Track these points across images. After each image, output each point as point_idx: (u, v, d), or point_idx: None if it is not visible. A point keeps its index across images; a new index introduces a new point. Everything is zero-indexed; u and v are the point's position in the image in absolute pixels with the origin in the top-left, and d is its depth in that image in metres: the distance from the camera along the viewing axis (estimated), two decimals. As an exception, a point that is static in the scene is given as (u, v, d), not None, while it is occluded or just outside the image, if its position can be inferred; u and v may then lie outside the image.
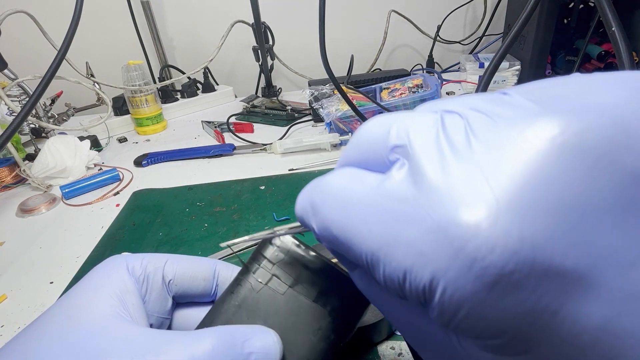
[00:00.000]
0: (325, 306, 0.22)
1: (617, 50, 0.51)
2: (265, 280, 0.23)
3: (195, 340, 0.20)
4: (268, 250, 0.24)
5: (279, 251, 0.23)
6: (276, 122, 0.94)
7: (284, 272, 0.23)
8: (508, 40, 0.63)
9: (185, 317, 0.27)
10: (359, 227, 0.15)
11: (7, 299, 0.48)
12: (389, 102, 0.76)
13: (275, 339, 0.21)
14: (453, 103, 0.15)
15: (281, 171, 0.71)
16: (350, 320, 0.23)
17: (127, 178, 0.76)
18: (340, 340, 0.22)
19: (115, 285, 0.23)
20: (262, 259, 0.24)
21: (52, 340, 0.20)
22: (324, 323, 0.22)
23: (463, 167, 0.13)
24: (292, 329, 0.22)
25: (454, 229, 0.12)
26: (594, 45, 0.91)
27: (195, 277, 0.26)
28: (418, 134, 0.15)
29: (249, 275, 0.23)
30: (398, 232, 0.13)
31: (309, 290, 0.23)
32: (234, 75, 1.28)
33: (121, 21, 1.11)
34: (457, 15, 1.23)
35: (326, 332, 0.22)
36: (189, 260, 0.26)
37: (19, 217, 0.66)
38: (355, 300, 0.23)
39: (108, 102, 0.88)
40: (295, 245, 0.23)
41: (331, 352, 0.22)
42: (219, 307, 0.23)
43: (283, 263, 0.23)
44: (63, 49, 0.57)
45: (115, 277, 0.23)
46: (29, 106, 0.55)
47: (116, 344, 0.19)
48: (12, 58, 0.81)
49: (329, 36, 0.62)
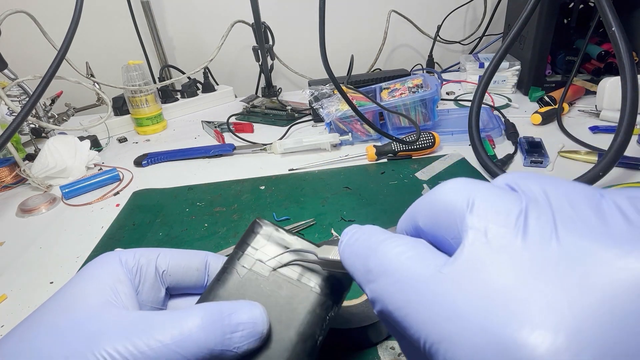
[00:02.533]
0: (309, 282, 0.23)
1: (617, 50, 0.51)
2: (250, 266, 0.24)
3: (184, 317, 0.20)
4: (251, 237, 0.25)
5: (261, 237, 0.25)
6: (276, 122, 0.94)
7: (267, 257, 0.24)
8: (508, 40, 0.63)
9: (178, 307, 0.27)
10: (419, 312, 0.14)
11: (7, 299, 0.48)
12: (389, 102, 0.76)
13: (261, 310, 0.21)
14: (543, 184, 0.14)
15: (281, 171, 0.71)
16: (335, 294, 0.24)
17: (127, 178, 0.76)
18: (326, 313, 0.23)
19: (107, 275, 0.23)
20: (246, 246, 0.25)
21: (46, 329, 0.20)
22: (307, 298, 0.23)
23: (542, 279, 0.12)
24: (277, 308, 0.23)
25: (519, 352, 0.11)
26: (594, 45, 0.91)
27: (188, 268, 0.26)
28: (495, 218, 0.13)
29: (234, 262, 0.24)
30: (462, 331, 0.12)
31: (292, 269, 0.24)
32: (234, 75, 1.28)
33: (121, 21, 1.11)
34: (457, 15, 1.23)
35: (311, 306, 0.23)
36: (181, 252, 0.27)
37: (19, 217, 0.66)
38: (338, 275, 0.24)
39: (108, 102, 0.88)
40: (276, 230, 0.25)
41: (318, 326, 0.22)
42: (207, 293, 0.24)
43: (266, 249, 0.24)
44: (63, 49, 0.57)
45: (108, 269, 0.24)
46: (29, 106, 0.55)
47: (109, 326, 0.20)
48: (12, 58, 0.81)
49: (329, 36, 0.62)
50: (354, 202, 0.59)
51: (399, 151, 0.70)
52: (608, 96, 0.77)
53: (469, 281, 0.13)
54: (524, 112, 0.86)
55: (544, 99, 0.84)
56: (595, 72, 0.90)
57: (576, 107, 0.85)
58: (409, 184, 0.63)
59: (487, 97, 0.91)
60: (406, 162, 0.70)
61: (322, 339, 0.23)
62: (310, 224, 0.55)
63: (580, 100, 0.88)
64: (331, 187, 0.63)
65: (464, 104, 0.93)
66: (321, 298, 0.23)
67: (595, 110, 0.80)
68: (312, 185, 0.65)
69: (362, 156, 0.73)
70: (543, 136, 0.72)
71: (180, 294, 0.27)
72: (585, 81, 0.89)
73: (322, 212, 0.57)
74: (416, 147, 0.69)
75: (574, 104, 0.87)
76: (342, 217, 0.56)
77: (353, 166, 0.70)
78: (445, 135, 0.74)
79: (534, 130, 0.78)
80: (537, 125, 0.79)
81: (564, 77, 0.92)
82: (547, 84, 0.92)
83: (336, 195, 0.61)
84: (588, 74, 0.91)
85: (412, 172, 0.66)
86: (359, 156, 0.73)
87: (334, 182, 0.65)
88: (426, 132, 0.71)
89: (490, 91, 0.95)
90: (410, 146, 0.69)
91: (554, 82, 0.92)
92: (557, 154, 0.68)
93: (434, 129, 0.75)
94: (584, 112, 0.82)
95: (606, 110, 0.78)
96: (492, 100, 0.91)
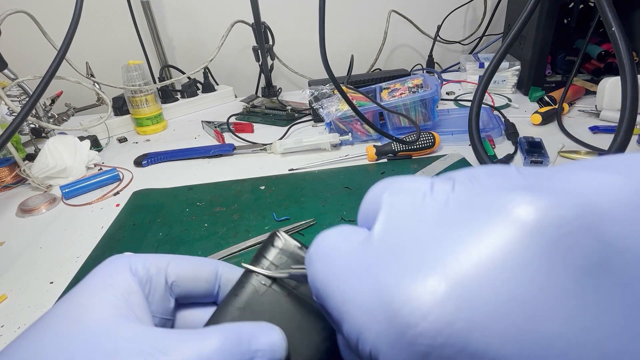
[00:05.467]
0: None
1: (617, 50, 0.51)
2: (269, 283, 0.23)
3: (203, 338, 0.20)
4: (270, 252, 0.24)
5: (281, 253, 0.24)
6: (276, 122, 0.94)
7: (286, 274, 0.23)
8: (508, 40, 0.63)
9: (187, 317, 0.26)
10: (333, 283, 0.15)
11: (7, 299, 0.48)
12: (389, 102, 0.76)
13: (280, 336, 0.21)
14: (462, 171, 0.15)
15: (281, 171, 0.71)
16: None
17: (127, 178, 0.76)
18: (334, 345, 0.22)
19: (119, 285, 0.22)
20: (264, 261, 0.24)
21: (54, 344, 0.19)
22: (327, 323, 0.22)
23: (428, 235, 0.12)
24: (296, 330, 0.22)
25: (393, 293, 0.12)
26: (594, 45, 0.91)
27: (198, 279, 0.25)
28: (405, 194, 0.15)
29: (252, 278, 0.23)
30: (358, 292, 0.13)
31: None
32: (234, 75, 1.28)
33: (121, 21, 1.11)
34: (457, 15, 1.23)
35: (330, 332, 0.22)
36: (191, 261, 0.26)
37: (19, 217, 0.66)
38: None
39: (108, 102, 0.88)
40: (298, 247, 0.24)
41: (336, 352, 0.22)
42: (223, 309, 0.23)
43: (286, 265, 0.23)
44: (63, 49, 0.57)
45: (119, 278, 0.22)
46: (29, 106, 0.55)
47: (124, 344, 0.19)
48: (12, 58, 0.81)
49: (329, 36, 0.62)
50: (354, 202, 0.59)
51: (399, 151, 0.70)
52: (608, 96, 0.77)
53: (370, 248, 0.14)
54: (524, 112, 0.86)
55: (544, 99, 0.84)
56: (595, 72, 0.90)
57: (576, 107, 0.85)
58: (409, 184, 0.63)
59: (487, 97, 0.91)
60: (406, 162, 0.70)
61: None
62: (310, 224, 0.55)
63: (580, 100, 0.88)
64: (331, 187, 0.63)
65: (464, 104, 0.93)
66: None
67: (595, 110, 0.80)
68: (312, 185, 0.65)
69: (362, 156, 0.73)
70: (543, 136, 0.72)
71: (189, 303, 0.26)
72: (585, 81, 0.89)
73: (322, 212, 0.57)
74: (416, 147, 0.69)
75: (574, 104, 0.87)
76: (342, 217, 0.56)
77: (353, 166, 0.70)
78: (445, 135, 0.74)
79: (534, 130, 0.78)
80: (537, 125, 0.79)
81: (564, 77, 0.92)
82: (547, 84, 0.92)
83: (336, 195, 0.61)
84: (588, 74, 0.91)
85: (412, 172, 0.66)
86: (359, 156, 0.73)
87: (334, 182, 0.65)
88: (426, 132, 0.71)
89: (490, 91, 0.95)
90: (410, 146, 0.69)
91: (554, 82, 0.92)
92: (557, 154, 0.68)
93: (434, 129, 0.75)
94: (584, 112, 0.82)
95: (606, 110, 0.78)
96: (492, 100, 0.91)
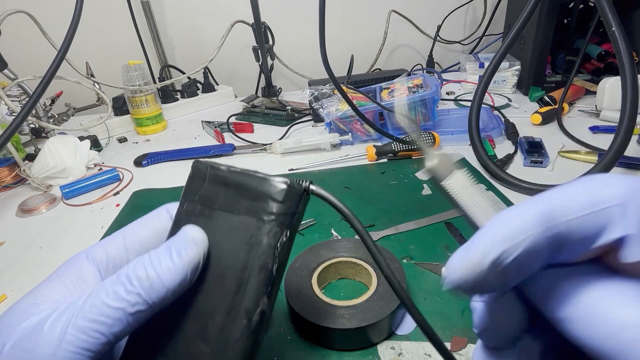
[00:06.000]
0: (252, 213, 0.22)
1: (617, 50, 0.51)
2: (195, 212, 0.24)
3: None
4: (190, 183, 0.25)
5: (198, 180, 0.25)
6: (276, 122, 0.94)
7: (208, 198, 0.24)
8: (508, 40, 0.63)
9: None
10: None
11: (7, 299, 0.48)
12: (389, 102, 0.76)
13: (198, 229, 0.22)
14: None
15: (281, 171, 0.71)
16: (281, 217, 0.22)
17: (127, 178, 0.76)
18: (276, 240, 0.22)
19: (70, 275, 0.23)
20: (187, 194, 0.25)
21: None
22: (253, 229, 0.22)
23: None
24: (227, 247, 0.22)
25: None
26: (594, 45, 0.91)
27: (156, 233, 0.25)
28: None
29: (181, 214, 0.24)
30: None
31: (234, 205, 0.23)
32: (234, 75, 1.28)
33: (121, 21, 1.11)
34: (457, 15, 1.23)
35: (258, 237, 0.22)
36: (141, 221, 0.26)
37: (19, 217, 0.66)
38: (280, 195, 0.22)
39: (108, 102, 0.88)
40: (211, 167, 0.24)
41: (269, 256, 0.22)
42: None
43: (205, 189, 0.24)
44: (63, 49, 0.57)
45: (71, 269, 0.23)
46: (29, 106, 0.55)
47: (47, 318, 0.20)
48: (12, 58, 0.81)
49: (329, 36, 0.62)
50: (354, 202, 0.59)
51: (399, 151, 0.70)
52: (608, 96, 0.77)
53: None
54: (524, 112, 0.86)
55: (544, 99, 0.84)
56: (595, 72, 0.90)
57: (576, 107, 0.85)
58: (409, 184, 0.63)
59: (487, 97, 0.91)
60: (406, 162, 0.70)
61: (278, 266, 0.22)
62: (310, 224, 0.55)
63: (580, 100, 0.88)
64: (331, 187, 0.63)
65: (464, 104, 0.93)
66: (266, 226, 0.22)
67: (595, 110, 0.80)
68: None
69: (362, 156, 0.73)
70: (543, 136, 0.72)
71: None
72: (585, 81, 0.89)
73: (322, 212, 0.57)
74: (416, 147, 0.69)
75: (574, 104, 0.87)
76: (342, 217, 0.55)
77: (353, 166, 0.70)
78: (445, 135, 0.74)
79: (534, 130, 0.78)
80: (537, 125, 0.79)
81: (564, 77, 0.92)
82: (547, 84, 0.92)
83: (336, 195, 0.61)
84: (588, 74, 0.91)
85: (412, 172, 0.66)
86: (359, 156, 0.73)
87: (334, 182, 0.65)
88: (426, 132, 0.71)
89: (490, 91, 0.95)
90: (410, 146, 0.69)
91: (554, 82, 0.92)
92: (557, 154, 0.68)
93: (434, 129, 0.75)
94: (584, 112, 0.82)
95: (606, 110, 0.78)
96: (492, 100, 0.91)
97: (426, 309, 0.40)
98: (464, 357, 0.35)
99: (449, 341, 0.37)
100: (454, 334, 0.37)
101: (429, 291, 0.42)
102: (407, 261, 0.47)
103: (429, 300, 0.41)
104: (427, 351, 0.36)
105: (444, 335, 0.37)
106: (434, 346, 0.20)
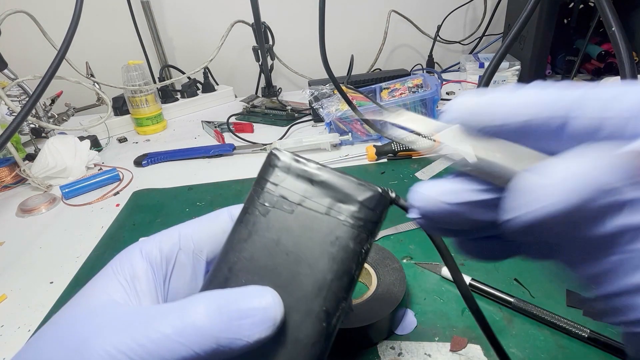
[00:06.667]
0: (339, 215, 0.21)
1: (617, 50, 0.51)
2: (273, 203, 0.23)
3: (188, 304, 0.19)
4: (269, 172, 0.23)
5: (280, 171, 0.23)
6: (276, 122, 0.94)
7: (290, 191, 0.22)
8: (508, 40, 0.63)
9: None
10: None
11: (7, 299, 0.48)
12: (389, 102, 0.76)
13: (273, 296, 0.20)
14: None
15: (281, 171, 0.70)
16: (369, 225, 0.22)
17: (127, 178, 0.76)
18: (361, 247, 0.21)
19: (125, 272, 0.22)
20: (265, 182, 0.23)
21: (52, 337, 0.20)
22: (340, 232, 0.21)
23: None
24: (307, 245, 0.21)
25: None
26: (594, 45, 0.91)
27: (215, 234, 0.25)
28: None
29: (256, 202, 0.23)
30: None
31: (319, 203, 0.22)
32: (234, 75, 1.28)
33: (121, 21, 1.11)
34: (457, 15, 1.23)
35: (344, 241, 0.21)
36: (202, 221, 0.25)
37: (19, 217, 0.66)
38: (371, 202, 0.22)
39: (108, 102, 0.88)
40: (295, 160, 0.23)
41: (354, 261, 0.21)
42: (230, 241, 0.22)
43: (287, 182, 0.23)
44: (63, 49, 0.57)
45: (126, 265, 0.23)
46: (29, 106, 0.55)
47: (104, 325, 0.19)
48: (12, 58, 0.81)
49: (329, 36, 0.62)
50: (354, 202, 0.59)
51: (399, 151, 0.70)
52: (608, 96, 0.77)
53: None
54: (524, 112, 0.86)
55: (544, 99, 0.84)
56: (595, 72, 0.90)
57: (576, 107, 0.85)
58: (409, 184, 0.63)
59: (487, 97, 0.91)
60: (406, 162, 0.70)
61: (359, 273, 0.22)
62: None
63: (580, 100, 0.88)
64: (331, 187, 0.63)
65: (464, 104, 0.92)
66: (354, 231, 0.21)
67: (595, 110, 0.80)
68: (312, 185, 0.65)
69: (362, 156, 0.73)
70: (543, 136, 0.72)
71: None
72: (585, 81, 0.89)
73: (322, 212, 0.57)
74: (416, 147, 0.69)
75: (574, 104, 0.87)
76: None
77: (353, 166, 0.70)
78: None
79: (534, 130, 0.78)
80: (537, 125, 0.79)
81: (564, 77, 0.92)
82: (547, 84, 0.92)
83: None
84: (588, 74, 0.91)
85: (412, 172, 0.66)
86: (359, 156, 0.73)
87: (334, 182, 0.65)
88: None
89: (490, 91, 0.95)
90: (410, 146, 0.69)
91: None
92: (557, 154, 0.67)
93: (434, 129, 0.75)
94: (584, 112, 0.82)
95: (606, 110, 0.78)
96: (492, 100, 0.91)
97: (426, 308, 0.40)
98: (464, 357, 0.35)
99: (449, 341, 0.37)
100: (454, 334, 0.37)
101: (429, 291, 0.42)
102: (407, 261, 0.47)
103: (429, 300, 0.41)
104: (427, 351, 0.36)
105: (444, 335, 0.37)
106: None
